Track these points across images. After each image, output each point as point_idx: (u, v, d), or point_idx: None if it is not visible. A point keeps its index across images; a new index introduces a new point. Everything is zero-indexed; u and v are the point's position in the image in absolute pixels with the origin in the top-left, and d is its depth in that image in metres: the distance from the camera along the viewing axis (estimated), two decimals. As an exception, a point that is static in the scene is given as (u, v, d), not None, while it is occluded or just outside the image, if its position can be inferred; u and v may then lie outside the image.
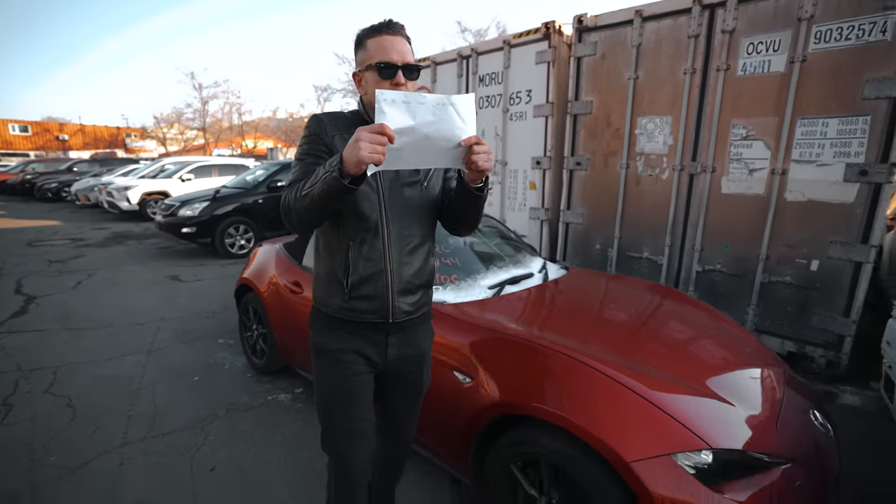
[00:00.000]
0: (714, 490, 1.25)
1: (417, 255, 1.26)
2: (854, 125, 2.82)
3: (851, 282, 2.95)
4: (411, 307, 1.27)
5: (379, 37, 1.15)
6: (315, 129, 1.19)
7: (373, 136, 0.91)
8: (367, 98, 1.20)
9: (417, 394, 1.41)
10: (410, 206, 1.23)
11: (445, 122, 0.97)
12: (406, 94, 0.94)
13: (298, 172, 1.16)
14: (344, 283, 1.21)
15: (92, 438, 2.26)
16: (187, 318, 4.04)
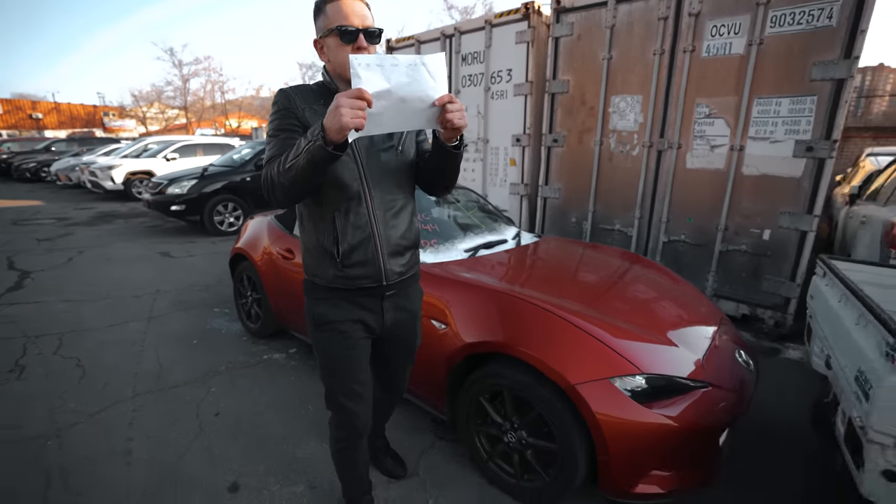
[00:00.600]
0: (646, 406, 1.52)
1: (402, 218, 1.31)
2: (803, 105, 3.07)
3: (797, 249, 3.25)
4: (402, 268, 1.33)
5: (337, 1, 1.15)
6: (284, 104, 1.19)
7: (353, 102, 0.92)
8: (331, 66, 1.21)
9: (411, 352, 1.55)
10: (388, 170, 1.26)
11: (419, 82, 0.99)
12: (379, 56, 0.96)
13: (275, 148, 1.17)
14: (335, 252, 1.24)
15: (104, 391, 2.46)
16: (182, 290, 4.20)
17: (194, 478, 1.84)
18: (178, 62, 30.59)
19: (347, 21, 1.14)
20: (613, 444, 1.49)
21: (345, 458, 1.52)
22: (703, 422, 1.56)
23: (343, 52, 1.15)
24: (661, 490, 1.55)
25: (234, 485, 1.81)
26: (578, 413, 1.54)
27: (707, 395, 1.61)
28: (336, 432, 1.48)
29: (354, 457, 1.51)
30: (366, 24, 1.16)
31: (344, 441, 1.47)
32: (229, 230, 6.83)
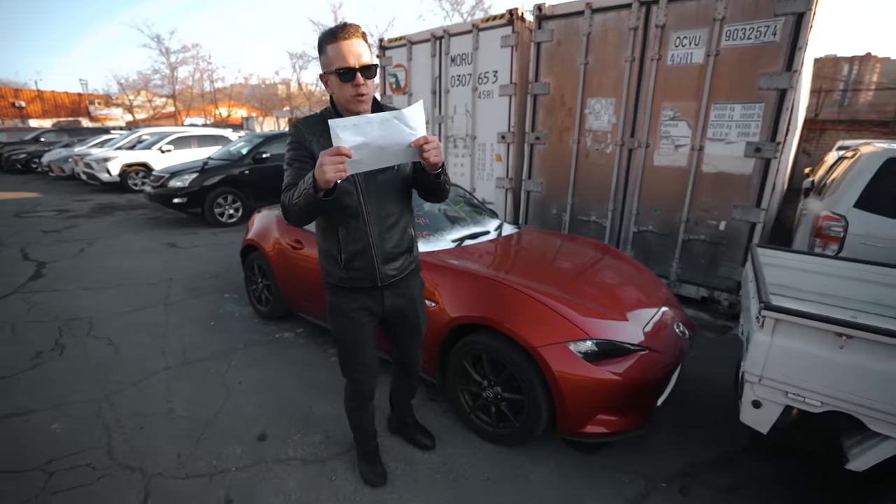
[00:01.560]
0: (595, 365, 1.92)
1: (396, 230, 1.55)
2: (752, 110, 3.47)
3: (748, 238, 3.68)
4: (395, 271, 1.59)
5: (335, 43, 1.30)
6: (296, 137, 1.44)
7: (333, 158, 1.14)
8: (336, 98, 1.42)
9: (416, 331, 1.79)
10: (386, 189, 1.48)
11: (393, 132, 1.18)
12: (355, 118, 1.16)
13: (290, 177, 1.41)
14: (339, 259, 1.52)
15: (139, 365, 2.82)
16: (193, 278, 4.54)
17: (229, 430, 2.23)
18: (165, 50, 30.17)
19: (345, 63, 1.31)
20: (568, 394, 1.90)
21: (356, 415, 1.90)
22: (641, 377, 1.97)
23: (344, 89, 1.36)
24: (606, 430, 1.97)
25: (262, 435, 2.20)
26: (541, 370, 1.94)
27: (644, 357, 2.02)
28: (349, 396, 1.85)
29: (363, 414, 1.90)
30: (362, 63, 1.32)
31: (355, 402, 1.85)
32: (229, 222, 7.12)
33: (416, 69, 5.96)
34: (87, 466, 1.97)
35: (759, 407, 1.57)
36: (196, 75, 31.85)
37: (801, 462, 2.04)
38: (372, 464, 1.97)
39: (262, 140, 7.58)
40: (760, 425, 1.60)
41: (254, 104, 33.34)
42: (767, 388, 1.54)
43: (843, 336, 1.39)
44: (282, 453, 2.08)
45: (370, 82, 1.37)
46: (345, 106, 1.43)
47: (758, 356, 1.54)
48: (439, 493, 1.88)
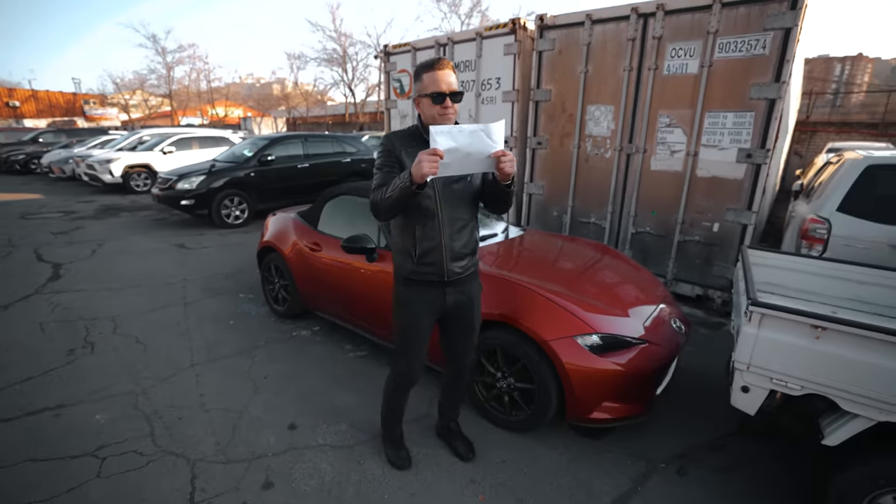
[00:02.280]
0: (601, 357, 2.11)
1: (464, 233, 1.76)
2: (744, 118, 3.67)
3: (740, 239, 3.89)
4: (461, 269, 1.78)
5: (432, 72, 1.56)
6: (388, 146, 1.69)
7: (430, 157, 1.37)
8: (424, 117, 1.65)
9: (472, 328, 1.92)
10: (458, 196, 1.71)
11: (479, 142, 1.40)
12: (450, 127, 1.39)
13: (379, 179, 1.65)
14: (413, 254, 1.73)
15: (168, 361, 2.99)
16: (207, 278, 4.69)
17: (261, 420, 2.40)
18: (161, 49, 30.13)
19: (438, 89, 1.56)
20: (577, 383, 2.09)
21: (394, 396, 2.06)
22: (642, 368, 2.17)
23: (433, 110, 1.59)
24: (610, 416, 2.17)
25: (292, 424, 2.37)
26: (551, 362, 2.13)
27: (645, 350, 2.22)
28: (394, 378, 2.01)
29: (401, 400, 2.07)
30: (452, 90, 1.57)
31: (398, 384, 2.01)
32: (235, 223, 7.27)
33: (419, 75, 6.13)
34: (135, 453, 2.13)
35: (747, 392, 1.77)
36: (192, 75, 31.82)
37: (789, 442, 2.24)
38: (398, 449, 2.16)
39: (267, 143, 7.72)
40: (748, 408, 1.79)
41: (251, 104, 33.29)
42: (754, 375, 1.74)
43: (818, 328, 1.59)
44: (312, 440, 2.25)
45: (456, 106, 1.61)
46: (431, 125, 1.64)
47: (746, 346, 1.73)
48: (461, 474, 2.06)
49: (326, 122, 25.93)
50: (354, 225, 3.15)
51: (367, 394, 2.66)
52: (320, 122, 26.37)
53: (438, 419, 2.29)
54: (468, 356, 2.03)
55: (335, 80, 27.73)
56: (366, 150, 9.36)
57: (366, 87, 28.43)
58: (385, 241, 2.90)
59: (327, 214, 3.42)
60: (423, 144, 1.63)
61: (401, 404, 2.09)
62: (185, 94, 32.31)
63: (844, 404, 1.59)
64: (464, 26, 23.89)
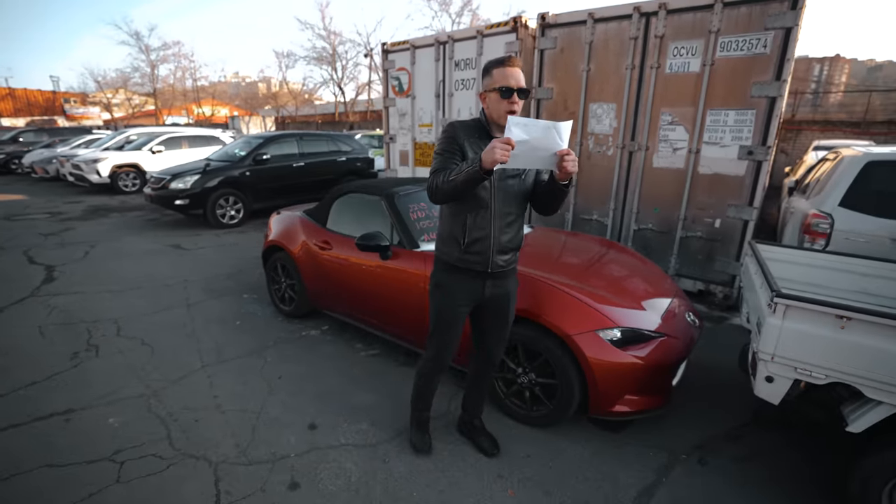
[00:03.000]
0: (622, 350, 2.14)
1: (513, 227, 1.78)
2: (745, 116, 3.74)
3: (741, 235, 3.97)
4: (504, 263, 1.81)
5: (502, 68, 1.61)
6: (452, 134, 1.69)
7: (503, 145, 1.38)
8: (489, 112, 1.68)
9: (505, 323, 1.95)
10: (511, 192, 1.73)
11: (549, 138, 1.43)
12: (526, 119, 1.40)
13: (439, 164, 1.67)
14: (461, 241, 1.75)
15: (177, 363, 2.93)
16: (207, 279, 4.61)
17: (279, 420, 2.37)
18: (144, 47, 29.51)
19: (507, 84, 1.60)
20: (600, 377, 2.10)
21: (425, 381, 2.07)
22: (661, 360, 2.19)
23: (501, 104, 1.62)
24: (631, 409, 2.19)
25: (312, 424, 2.35)
26: (574, 356, 2.14)
27: (663, 343, 2.25)
28: (426, 362, 2.03)
29: (430, 382, 2.08)
30: (520, 86, 1.61)
31: (429, 368, 2.03)
32: (230, 223, 7.16)
33: (419, 73, 6.12)
34: (154, 456, 2.09)
35: (771, 382, 1.80)
36: (177, 73, 31.23)
37: (807, 431, 2.30)
38: (422, 433, 2.19)
39: (262, 142, 7.62)
40: (772, 397, 1.82)
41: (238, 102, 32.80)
42: (779, 365, 1.77)
43: (843, 318, 1.63)
44: (333, 440, 2.23)
45: (521, 103, 1.64)
46: (496, 120, 1.68)
47: (770, 337, 1.76)
48: (487, 470, 2.06)
49: (316, 121, 25.68)
50: (365, 222, 3.13)
51: (384, 393, 2.64)
52: (310, 121, 26.11)
53: (461, 415, 2.30)
54: (499, 351, 2.04)
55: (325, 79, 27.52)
56: (360, 149, 9.30)
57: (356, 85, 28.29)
58: (398, 239, 2.89)
59: (336, 212, 3.39)
60: (486, 137, 1.71)
61: (431, 389, 2.11)
62: (170, 93, 31.70)
63: (869, 392, 1.63)
64: (454, 25, 23.90)
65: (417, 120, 6.36)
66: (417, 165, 6.61)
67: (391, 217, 2.97)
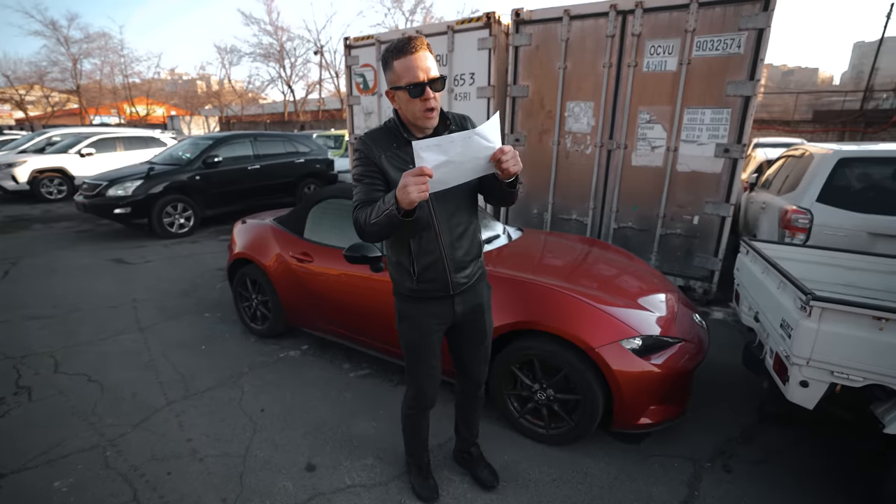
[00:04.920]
0: (644, 359, 2.03)
1: (465, 238, 1.55)
2: (721, 115, 3.81)
3: (719, 231, 4.05)
4: (466, 278, 1.59)
5: (403, 58, 1.28)
6: (365, 152, 1.42)
7: (416, 179, 1.14)
8: (402, 114, 1.40)
9: (483, 337, 1.73)
10: (454, 199, 1.47)
11: (473, 148, 1.20)
12: (437, 139, 1.17)
13: (361, 194, 1.41)
14: (411, 271, 1.52)
15: (135, 402, 2.51)
16: (160, 297, 4.10)
17: (270, 463, 2.06)
18: (64, 39, 26.74)
19: (415, 78, 1.28)
20: (626, 390, 1.98)
21: (412, 423, 1.84)
22: (681, 367, 2.11)
23: (413, 104, 1.33)
24: (653, 421, 2.09)
25: (309, 465, 2.06)
26: (598, 369, 2.01)
27: (682, 348, 2.17)
28: (408, 401, 1.79)
29: (419, 423, 1.84)
30: (430, 76, 1.30)
31: (413, 409, 1.80)
32: (180, 232, 6.52)
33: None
34: (120, 525, 1.72)
35: (806, 386, 1.76)
36: (105, 69, 28.57)
37: (835, 432, 2.29)
38: (425, 478, 1.93)
39: (212, 143, 7.01)
40: (807, 402, 1.78)
41: (178, 101, 30.51)
42: (814, 369, 1.73)
43: (882, 319, 1.60)
44: (338, 482, 1.96)
45: (439, 95, 1.35)
46: (413, 122, 1.41)
47: (806, 341, 1.71)
48: (516, 499, 1.88)
49: (264, 121, 24.40)
50: (347, 231, 2.86)
51: (384, 418, 2.39)
52: (257, 121, 24.78)
53: (456, 442, 2.07)
54: (481, 368, 1.82)
55: (272, 77, 26.16)
56: (319, 150, 8.85)
57: (306, 84, 27.10)
58: (389, 248, 2.64)
59: (314, 221, 3.08)
60: (406, 145, 1.41)
61: (421, 428, 1.87)
62: (97, 90, 28.93)
63: (906, 392, 1.62)
64: (408, 23, 23.55)
65: (385, 119, 6.06)
66: (386, 166, 6.33)
67: (380, 224, 2.71)
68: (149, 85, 29.19)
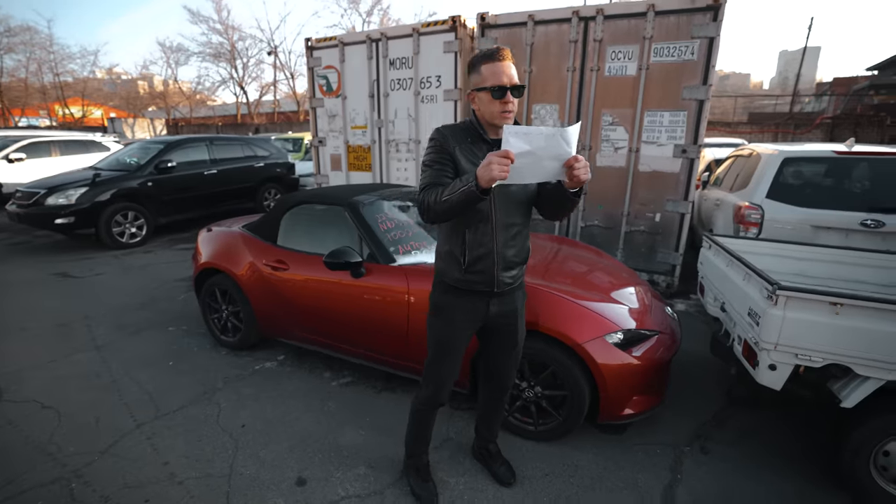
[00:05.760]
0: (626, 353, 2.12)
1: (518, 240, 1.61)
2: (678, 117, 4.04)
3: (679, 227, 4.29)
4: (511, 279, 1.63)
5: (491, 63, 1.42)
6: (440, 141, 1.51)
7: (500, 160, 1.22)
8: (480, 114, 1.50)
9: (515, 343, 1.76)
10: (513, 200, 1.56)
11: (554, 147, 1.26)
12: (527, 127, 1.23)
13: (430, 177, 1.48)
14: (461, 260, 1.56)
15: (99, 428, 2.32)
16: (115, 313, 3.82)
17: (258, 480, 1.97)
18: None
19: (499, 82, 1.41)
20: (611, 383, 2.06)
21: (421, 417, 1.84)
22: (659, 358, 2.22)
23: (493, 105, 1.44)
24: (636, 411, 2.18)
25: (299, 479, 1.99)
26: (584, 364, 2.08)
27: (658, 340, 2.28)
28: (422, 395, 1.80)
29: (428, 420, 1.85)
30: (513, 83, 1.42)
31: (426, 404, 1.80)
32: (131, 242, 6.11)
33: (350, 71, 5.74)
34: (96, 561, 1.59)
35: (774, 369, 1.90)
36: (31, 66, 26.26)
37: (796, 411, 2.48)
38: (425, 480, 1.93)
39: (164, 147, 6.63)
40: (775, 384, 1.92)
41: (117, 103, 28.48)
42: (781, 353, 1.86)
43: (837, 304, 1.76)
44: (332, 494, 1.91)
45: (516, 101, 1.46)
46: (490, 121, 1.50)
47: (773, 327, 1.85)
48: (511, 497, 1.91)
49: (216, 123, 23.27)
50: (325, 237, 2.81)
51: (371, 427, 2.36)
52: (208, 123, 23.57)
53: (476, 440, 2.12)
54: (512, 373, 1.87)
55: (224, 78, 24.97)
56: (279, 154, 8.59)
57: (259, 85, 26.07)
58: (369, 251, 2.61)
59: (288, 227, 2.99)
60: (479, 141, 1.54)
61: (429, 424, 1.88)
62: (21, 89, 26.51)
63: (859, 369, 1.78)
64: (365, 24, 23.29)
65: (350, 122, 5.98)
66: (352, 170, 6.22)
67: (359, 229, 2.68)
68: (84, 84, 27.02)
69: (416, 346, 2.43)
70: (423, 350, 2.25)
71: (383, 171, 5.85)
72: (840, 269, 2.85)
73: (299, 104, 23.70)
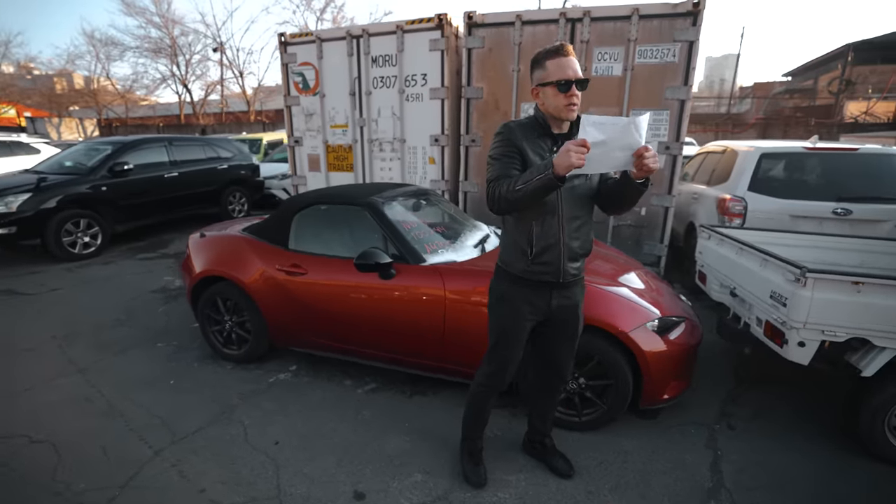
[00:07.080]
0: (663, 339, 2.21)
1: (582, 232, 1.66)
2: (662, 116, 4.27)
3: (663, 220, 4.53)
4: (576, 271, 1.69)
5: (557, 58, 1.47)
6: (508, 136, 1.56)
7: (578, 148, 1.27)
8: (545, 108, 1.55)
9: (574, 335, 1.81)
10: (578, 194, 1.61)
11: (627, 137, 1.30)
12: (604, 118, 1.28)
13: (498, 170, 1.52)
14: (528, 252, 1.60)
15: (111, 459, 2.07)
16: (90, 331, 3.44)
17: (312, 498, 1.85)
18: None
19: (565, 76, 1.46)
20: (654, 368, 2.14)
21: (479, 399, 1.88)
22: (691, 342, 2.34)
23: (558, 99, 1.49)
24: (671, 395, 2.29)
25: (357, 493, 1.89)
26: (629, 352, 2.14)
27: (687, 325, 2.40)
28: (482, 379, 1.84)
29: (487, 400, 1.88)
30: (577, 76, 1.47)
31: (485, 387, 1.84)
32: (85, 252, 5.54)
33: (328, 68, 5.54)
34: None
35: (803, 346, 2.06)
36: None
37: (797, 386, 2.69)
38: (476, 464, 1.97)
39: (118, 148, 6.07)
40: (803, 359, 2.08)
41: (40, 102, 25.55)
42: (809, 331, 2.03)
43: (858, 284, 1.93)
44: (395, 504, 1.84)
45: (580, 95, 1.52)
46: (555, 115, 1.55)
47: (802, 307, 2.00)
48: (573, 490, 1.92)
49: (156, 124, 21.57)
50: (341, 238, 2.72)
51: (414, 431, 2.29)
52: (147, 123, 21.80)
53: (528, 434, 2.13)
54: (568, 366, 1.90)
55: (164, 75, 23.15)
56: (243, 155, 8.15)
57: (204, 83, 24.43)
58: (395, 252, 2.54)
59: (299, 230, 2.84)
60: (546, 135, 1.59)
61: (487, 406, 1.93)
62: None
63: (877, 340, 1.97)
64: (319, 22, 22.56)
65: (329, 120, 5.77)
66: (331, 171, 6.00)
67: (383, 229, 2.60)
68: (-7, 80, 24.01)
69: (452, 347, 2.40)
70: (459, 351, 2.26)
71: (366, 171, 5.70)
72: (819, 254, 3.14)
73: (249, 104, 22.51)
